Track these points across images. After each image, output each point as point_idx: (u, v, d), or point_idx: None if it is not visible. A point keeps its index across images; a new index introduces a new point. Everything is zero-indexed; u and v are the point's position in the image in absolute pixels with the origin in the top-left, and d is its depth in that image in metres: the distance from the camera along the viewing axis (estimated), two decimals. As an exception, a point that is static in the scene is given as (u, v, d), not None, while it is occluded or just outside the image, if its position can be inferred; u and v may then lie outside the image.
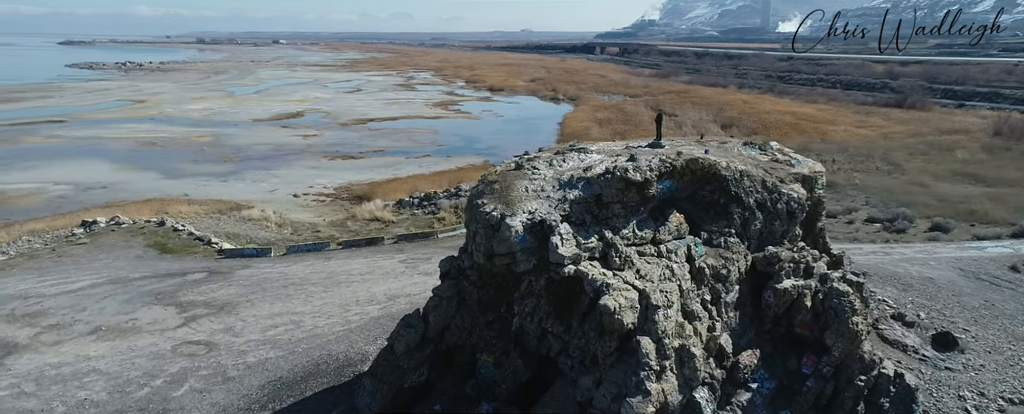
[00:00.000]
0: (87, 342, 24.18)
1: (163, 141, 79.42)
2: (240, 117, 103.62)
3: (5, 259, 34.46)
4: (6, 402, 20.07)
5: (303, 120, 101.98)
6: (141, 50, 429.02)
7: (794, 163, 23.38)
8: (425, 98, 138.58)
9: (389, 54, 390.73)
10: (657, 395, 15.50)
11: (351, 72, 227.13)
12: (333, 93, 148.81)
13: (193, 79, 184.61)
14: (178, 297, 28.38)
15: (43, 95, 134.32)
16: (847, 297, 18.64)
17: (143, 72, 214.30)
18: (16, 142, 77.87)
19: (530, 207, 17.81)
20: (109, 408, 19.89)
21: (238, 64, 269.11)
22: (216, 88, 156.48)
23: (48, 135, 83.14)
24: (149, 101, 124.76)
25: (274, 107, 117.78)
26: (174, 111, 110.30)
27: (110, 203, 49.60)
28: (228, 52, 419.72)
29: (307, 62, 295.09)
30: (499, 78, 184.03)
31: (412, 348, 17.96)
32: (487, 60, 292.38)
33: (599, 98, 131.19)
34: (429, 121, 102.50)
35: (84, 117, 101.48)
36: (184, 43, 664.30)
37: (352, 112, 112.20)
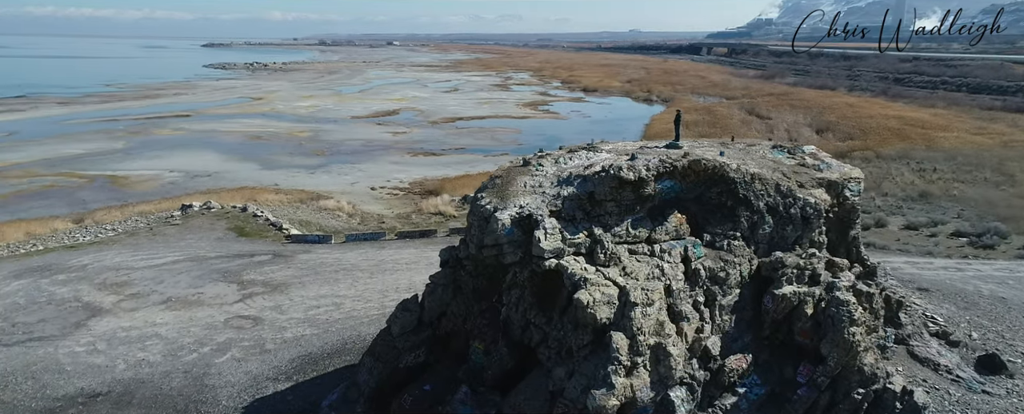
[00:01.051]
0: (157, 310, 27.41)
1: (268, 135, 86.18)
2: (341, 114, 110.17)
3: (112, 235, 39.30)
4: (81, 357, 23.31)
5: (397, 118, 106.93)
6: (270, 51, 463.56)
7: (822, 168, 22.54)
8: (517, 98, 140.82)
9: (494, 55, 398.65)
10: (622, 389, 15.78)
11: (452, 72, 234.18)
12: (431, 92, 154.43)
13: (308, 78, 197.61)
14: (241, 276, 31.36)
15: (178, 92, 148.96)
16: (846, 306, 17.93)
17: (267, 72, 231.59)
18: (147, 134, 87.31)
19: (522, 202, 18.53)
20: (160, 369, 22.62)
21: (351, 64, 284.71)
22: (326, 87, 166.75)
23: (174, 128, 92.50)
24: (265, 98, 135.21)
25: (373, 105, 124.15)
26: (284, 108, 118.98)
27: (210, 190, 54.85)
28: (345, 53, 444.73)
29: (414, 63, 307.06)
30: (595, 79, 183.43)
31: (408, 331, 19.19)
32: (588, 61, 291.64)
33: (693, 100, 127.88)
34: (515, 121, 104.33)
35: (207, 112, 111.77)
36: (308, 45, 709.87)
37: (444, 111, 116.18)
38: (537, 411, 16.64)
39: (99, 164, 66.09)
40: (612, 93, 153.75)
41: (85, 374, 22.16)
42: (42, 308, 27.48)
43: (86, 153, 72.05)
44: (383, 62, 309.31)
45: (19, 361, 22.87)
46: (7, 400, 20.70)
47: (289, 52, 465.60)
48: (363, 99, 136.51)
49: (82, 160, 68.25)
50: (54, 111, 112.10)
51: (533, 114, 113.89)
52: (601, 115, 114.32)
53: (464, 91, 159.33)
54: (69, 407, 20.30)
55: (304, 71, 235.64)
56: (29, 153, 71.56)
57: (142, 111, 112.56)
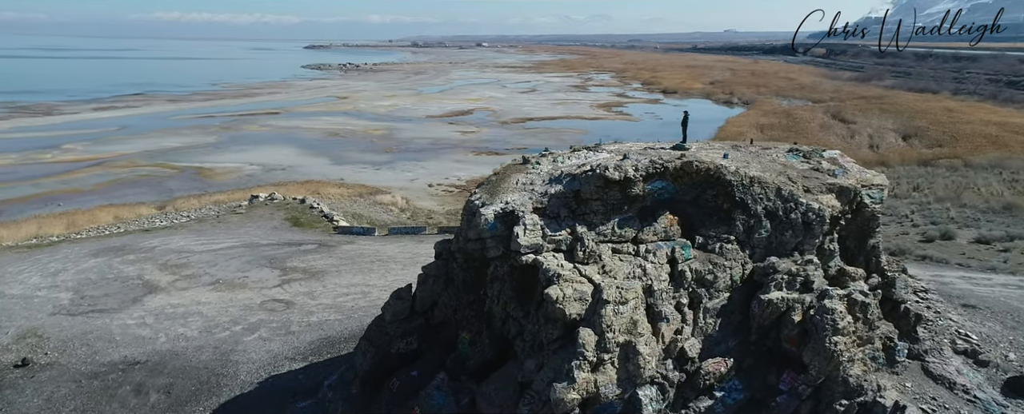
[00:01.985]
0: (204, 291, 29.95)
1: (345, 132, 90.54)
2: (417, 113, 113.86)
3: (184, 221, 42.96)
4: (130, 329, 25.96)
5: (470, 118, 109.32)
6: (365, 53, 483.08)
7: (837, 174, 21.78)
8: (593, 99, 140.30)
9: (579, 56, 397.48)
10: (584, 384, 16.09)
11: (534, 73, 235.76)
12: (508, 93, 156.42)
13: (394, 79, 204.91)
14: (285, 262, 33.61)
15: (272, 91, 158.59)
16: (831, 315, 17.38)
17: (358, 73, 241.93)
18: (237, 129, 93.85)
19: (509, 198, 19.13)
20: (194, 343, 24.85)
21: (437, 65, 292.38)
22: (409, 87, 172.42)
23: (262, 124, 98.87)
24: (350, 98, 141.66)
25: (449, 105, 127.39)
26: (366, 107, 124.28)
27: (281, 182, 58.54)
28: (434, 55, 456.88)
29: (498, 63, 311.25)
30: (677, 81, 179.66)
31: (400, 318, 20.20)
32: (674, 62, 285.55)
33: (775, 103, 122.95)
34: (585, 122, 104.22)
35: (294, 110, 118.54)
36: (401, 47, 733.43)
37: (517, 111, 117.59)
38: (506, 401, 17.21)
39: (190, 156, 71.84)
40: (692, 95, 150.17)
41: (130, 344, 24.70)
42: (109, 283, 30.66)
43: (181, 146, 78.43)
44: (468, 63, 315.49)
45: (79, 329, 25.77)
46: (63, 362, 23.45)
47: (382, 53, 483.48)
48: (441, 99, 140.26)
49: (177, 152, 74.39)
50: (164, 107, 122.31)
51: (605, 115, 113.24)
52: (674, 117, 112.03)
53: (541, 92, 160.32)
54: (111, 372, 22.76)
55: (392, 72, 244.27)
56: (135, 145, 78.73)
57: (237, 108, 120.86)
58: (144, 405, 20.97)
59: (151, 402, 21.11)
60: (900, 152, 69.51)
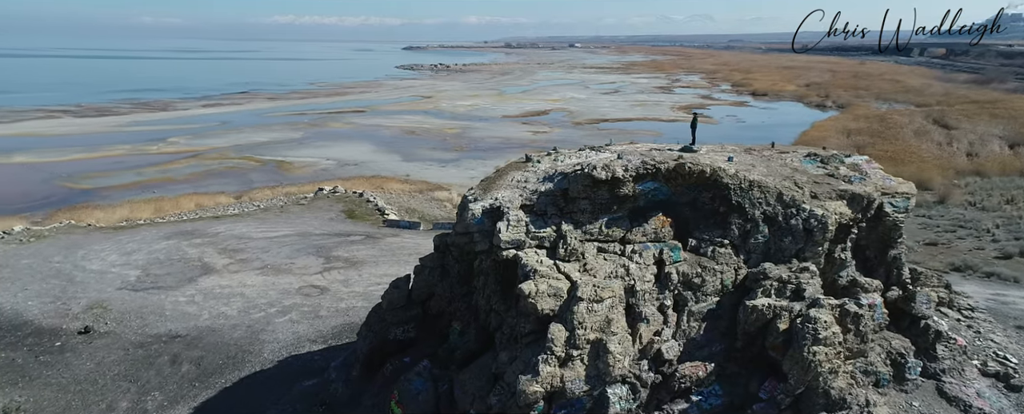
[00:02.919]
0: (252, 274, 32.35)
1: (421, 130, 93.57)
2: (494, 113, 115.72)
3: (252, 211, 46.27)
4: (180, 306, 28.54)
5: (545, 118, 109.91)
6: (459, 54, 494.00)
7: (853, 180, 20.88)
8: (675, 101, 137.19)
9: (672, 57, 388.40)
10: (549, 378, 16.42)
11: (621, 74, 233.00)
12: (590, 94, 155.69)
13: (479, 79, 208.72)
14: (330, 251, 35.64)
15: (363, 90, 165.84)
16: (813, 324, 16.78)
17: (447, 73, 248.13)
18: (323, 126, 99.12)
19: (499, 194, 19.69)
20: (231, 321, 27.02)
21: (524, 66, 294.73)
22: (493, 87, 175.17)
23: (346, 122, 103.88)
24: (434, 97, 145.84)
25: (527, 105, 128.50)
26: (447, 106, 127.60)
27: (351, 177, 61.57)
28: (525, 55, 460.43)
29: (586, 64, 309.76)
30: (768, 82, 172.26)
31: (397, 307, 21.19)
32: (771, 63, 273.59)
33: (873, 106, 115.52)
34: (661, 123, 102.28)
35: (379, 108, 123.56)
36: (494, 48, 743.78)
37: (593, 112, 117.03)
38: (479, 390, 17.78)
39: (274, 151, 76.75)
40: (783, 97, 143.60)
41: (177, 319, 27.20)
42: (173, 264, 33.73)
43: (269, 141, 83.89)
44: (556, 64, 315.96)
45: (137, 304, 28.63)
46: (117, 332, 26.19)
47: (475, 54, 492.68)
48: (521, 99, 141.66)
49: (264, 147, 79.66)
50: (262, 105, 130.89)
51: (684, 117, 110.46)
52: (758, 120, 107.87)
53: (624, 93, 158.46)
54: (155, 343, 25.22)
55: (480, 72, 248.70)
56: (228, 139, 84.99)
57: (327, 106, 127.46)
58: (176, 374, 23.14)
59: (182, 371, 23.26)
60: (1002, 161, 63.80)
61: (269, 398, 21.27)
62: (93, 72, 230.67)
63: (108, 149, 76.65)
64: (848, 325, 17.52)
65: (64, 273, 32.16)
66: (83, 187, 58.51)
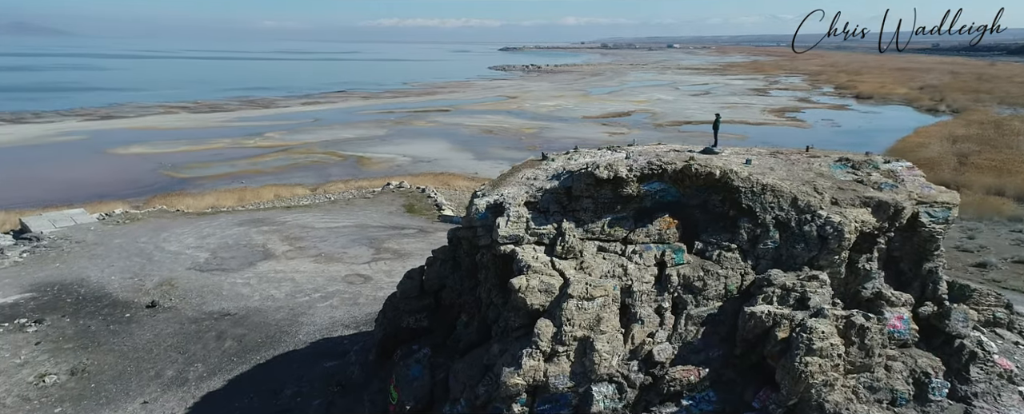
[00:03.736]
0: (306, 261, 34.44)
1: (498, 130, 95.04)
2: (575, 114, 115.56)
3: (321, 202, 49.01)
4: (236, 287, 30.90)
5: (626, 119, 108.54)
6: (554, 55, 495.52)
7: (884, 187, 19.74)
8: (768, 104, 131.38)
9: (775, 57, 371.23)
10: (531, 372, 16.69)
11: (715, 75, 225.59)
12: (678, 95, 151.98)
13: (568, 80, 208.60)
14: (382, 243, 37.27)
15: (452, 90, 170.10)
16: (808, 333, 16.06)
17: (537, 74, 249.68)
18: (407, 124, 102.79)
19: (506, 191, 20.09)
20: (277, 304, 28.99)
21: (617, 67, 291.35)
22: (580, 88, 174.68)
23: (430, 120, 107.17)
24: (519, 97, 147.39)
25: (611, 106, 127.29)
26: (530, 106, 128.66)
27: (421, 173, 63.68)
28: (620, 56, 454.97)
29: (681, 65, 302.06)
30: (876, 84, 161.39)
31: (410, 296, 22.03)
32: (884, 64, 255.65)
33: (992, 111, 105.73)
34: (748, 127, 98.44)
35: (463, 108, 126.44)
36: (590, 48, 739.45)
37: (678, 114, 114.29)
38: (470, 380, 18.24)
39: (357, 147, 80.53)
40: (891, 101, 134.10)
41: (230, 299, 29.50)
42: (239, 248, 36.48)
43: (354, 137, 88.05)
44: (650, 65, 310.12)
45: (200, 283, 31.28)
46: (178, 308, 28.76)
47: (569, 55, 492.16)
48: (606, 100, 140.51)
49: (348, 143, 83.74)
50: (355, 103, 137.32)
51: (773, 121, 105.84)
52: (855, 125, 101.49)
53: (714, 95, 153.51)
54: (206, 319, 27.52)
55: (570, 73, 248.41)
56: (318, 135, 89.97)
57: (415, 105, 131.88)
58: (219, 348, 25.19)
59: (225, 347, 25.28)
60: None
61: (293, 375, 22.77)
62: (214, 72, 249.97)
63: (211, 142, 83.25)
64: (852, 338, 16.63)
65: (146, 252, 35.57)
66: (182, 176, 64.02)
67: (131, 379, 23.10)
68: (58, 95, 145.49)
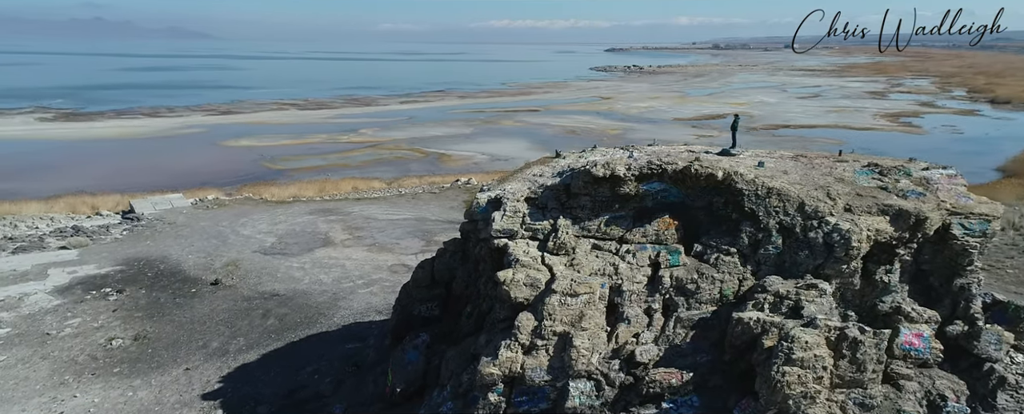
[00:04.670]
0: (360, 250, 36.32)
1: (582, 130, 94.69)
2: (667, 115, 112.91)
3: (390, 195, 51.23)
4: (290, 271, 33.15)
5: (719, 122, 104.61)
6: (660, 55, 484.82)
7: (909, 195, 18.41)
8: (883, 108, 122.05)
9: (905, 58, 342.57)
10: (507, 363, 17.00)
11: (831, 77, 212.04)
12: (783, 98, 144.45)
13: (669, 81, 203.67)
14: (433, 236, 38.53)
15: (547, 90, 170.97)
16: (789, 342, 15.28)
17: (638, 75, 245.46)
18: (494, 123, 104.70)
19: (509, 186, 20.47)
20: (322, 288, 30.84)
21: (724, 68, 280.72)
22: (678, 89, 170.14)
23: (517, 120, 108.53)
24: (613, 98, 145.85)
25: (706, 108, 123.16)
26: (622, 107, 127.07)
27: (495, 171, 64.79)
28: (730, 57, 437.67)
29: (794, 66, 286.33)
30: (1019, 88, 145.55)
31: (421, 286, 22.82)
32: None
33: None
34: (854, 132, 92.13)
35: (554, 108, 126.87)
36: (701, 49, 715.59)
37: (777, 117, 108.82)
38: (458, 367, 18.79)
39: (441, 144, 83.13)
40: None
41: (282, 281, 31.74)
42: (303, 235, 39.04)
43: (441, 135, 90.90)
44: (760, 66, 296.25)
45: (260, 265, 33.83)
46: (237, 287, 31.30)
47: (677, 56, 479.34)
48: (703, 102, 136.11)
49: (434, 140, 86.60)
50: (451, 102, 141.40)
51: (884, 126, 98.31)
52: (980, 131, 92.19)
53: (824, 97, 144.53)
54: (257, 298, 29.80)
55: (672, 74, 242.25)
56: (408, 132, 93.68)
57: (508, 104, 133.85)
58: (262, 325, 27.26)
59: (267, 324, 27.31)
60: None
61: (317, 354, 24.29)
62: (327, 72, 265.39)
63: (310, 137, 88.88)
64: (843, 351, 15.65)
65: (222, 235, 38.89)
66: (277, 167, 68.96)
67: (181, 347, 25.53)
68: (192, 92, 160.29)
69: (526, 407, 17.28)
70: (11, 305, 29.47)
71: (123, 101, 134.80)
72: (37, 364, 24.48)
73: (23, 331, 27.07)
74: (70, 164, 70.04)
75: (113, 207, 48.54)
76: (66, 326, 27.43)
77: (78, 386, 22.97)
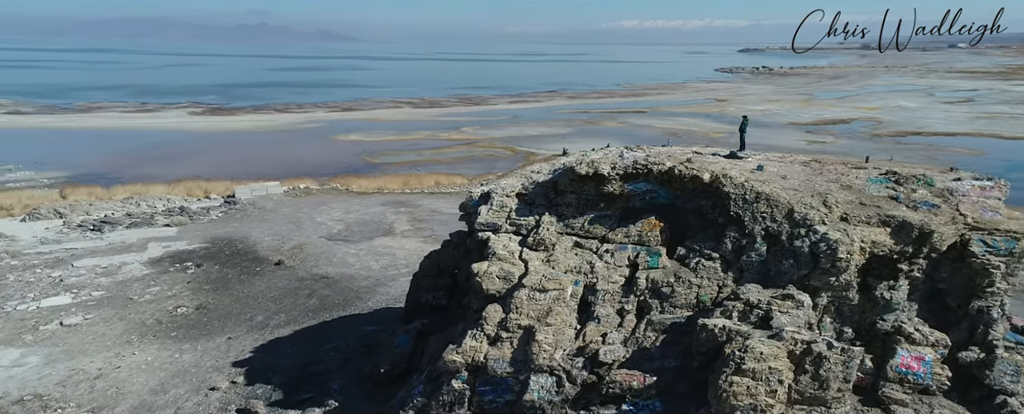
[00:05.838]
0: (415, 240, 37.90)
1: (684, 133, 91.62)
2: (782, 119, 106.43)
3: (468, 192, 52.64)
4: (347, 256, 35.29)
5: (839, 127, 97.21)
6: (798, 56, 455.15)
7: (920, 206, 16.77)
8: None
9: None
10: (470, 351, 17.41)
11: (992, 80, 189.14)
12: (926, 102, 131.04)
13: (798, 83, 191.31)
14: (488, 231, 39.28)
15: (661, 92, 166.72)
16: (743, 352, 14.44)
17: (765, 76, 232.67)
18: (595, 124, 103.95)
19: (505, 182, 20.76)
20: (368, 273, 32.61)
21: (867, 69, 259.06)
22: (805, 92, 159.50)
23: (619, 121, 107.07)
24: (728, 101, 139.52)
25: (830, 112, 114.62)
26: (734, 110, 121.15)
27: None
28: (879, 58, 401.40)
29: (953, 68, 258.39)
30: None
31: (429, 275, 23.59)
32: None
33: None
34: (994, 141, 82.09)
35: (661, 110, 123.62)
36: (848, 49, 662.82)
37: (911, 124, 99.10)
38: (436, 353, 19.32)
39: (533, 143, 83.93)
40: None
41: (336, 265, 33.91)
42: (370, 224, 41.34)
43: (536, 134, 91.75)
44: (911, 67, 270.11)
45: (321, 250, 36.32)
46: (295, 267, 33.87)
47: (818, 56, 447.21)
48: (829, 105, 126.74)
49: (528, 139, 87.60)
50: (559, 103, 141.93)
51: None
52: None
53: (976, 103, 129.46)
54: (309, 279, 32.09)
55: (805, 76, 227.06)
56: (506, 131, 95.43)
57: (615, 106, 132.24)
58: (304, 304, 29.39)
59: (309, 303, 29.41)
60: None
61: (340, 334, 25.89)
62: (449, 72, 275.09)
63: (413, 134, 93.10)
64: (806, 366, 14.58)
65: (299, 221, 42.11)
66: (375, 161, 73.03)
67: (231, 318, 28.17)
68: (323, 90, 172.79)
69: (491, 397, 17.57)
70: (111, 272, 33.83)
71: (262, 98, 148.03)
72: (115, 324, 28.02)
73: (113, 295, 31.02)
74: (201, 153, 78.36)
75: (222, 192, 53.87)
76: (147, 293, 31.10)
77: (139, 345, 26.07)
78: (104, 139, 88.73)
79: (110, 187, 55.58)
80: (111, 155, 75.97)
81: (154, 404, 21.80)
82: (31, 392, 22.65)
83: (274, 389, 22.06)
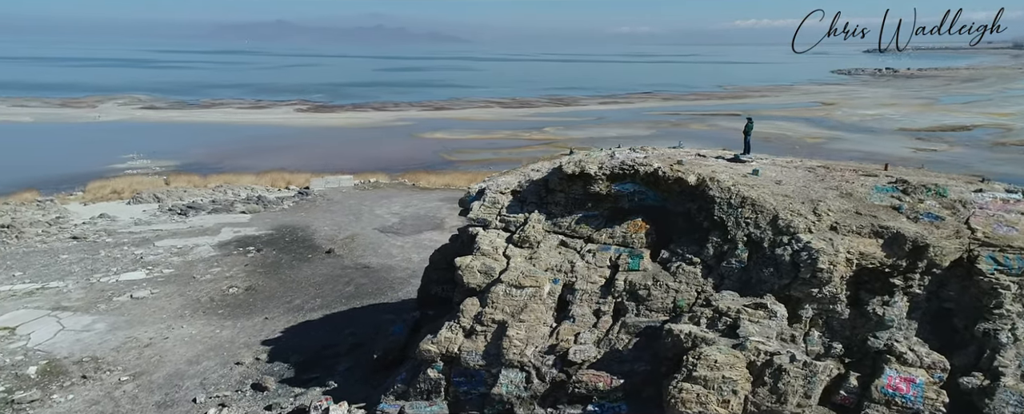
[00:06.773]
0: (460, 235, 38.62)
1: (777, 138, 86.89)
2: (891, 125, 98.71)
3: (528, 190, 52.98)
4: (392, 248, 36.59)
5: (957, 134, 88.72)
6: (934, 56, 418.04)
7: (923, 218, 15.43)
8: None
9: None
10: (444, 342, 17.78)
11: None
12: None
13: (922, 86, 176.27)
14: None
15: (763, 94, 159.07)
16: (698, 359, 13.86)
17: (886, 78, 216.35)
18: (682, 126, 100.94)
19: (503, 179, 20.93)
20: (409, 264, 33.65)
21: (1011, 71, 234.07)
22: (929, 96, 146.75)
23: (708, 124, 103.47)
24: (836, 104, 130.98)
25: (950, 118, 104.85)
26: (841, 114, 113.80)
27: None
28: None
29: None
30: None
31: (438, 268, 24.04)
32: None
33: None
34: None
35: (758, 113, 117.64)
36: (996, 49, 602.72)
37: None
38: (423, 343, 19.80)
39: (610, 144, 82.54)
40: None
41: (380, 256, 35.29)
42: (423, 218, 42.60)
43: (616, 136, 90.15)
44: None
45: (371, 241, 37.89)
46: (343, 256, 35.57)
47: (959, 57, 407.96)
48: (951, 111, 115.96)
49: (606, 141, 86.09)
50: (652, 104, 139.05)
51: None
52: None
53: None
54: (351, 268, 33.62)
55: (934, 78, 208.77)
56: (586, 132, 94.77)
57: (709, 108, 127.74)
58: (340, 291, 30.86)
59: (345, 291, 30.85)
60: None
61: (362, 321, 27.00)
62: (547, 72, 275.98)
63: (495, 133, 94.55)
64: (765, 378, 13.78)
65: (358, 212, 44.12)
66: (451, 159, 74.90)
67: (273, 301, 30.10)
68: (421, 89, 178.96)
69: (465, 388, 17.85)
70: (184, 252, 37.04)
71: (364, 97, 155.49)
72: (174, 299, 30.71)
73: (180, 273, 33.97)
74: (294, 147, 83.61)
75: (301, 183, 57.29)
76: (208, 273, 33.80)
77: (189, 320, 28.44)
78: (215, 132, 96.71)
79: (206, 176, 60.54)
80: (216, 147, 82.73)
81: (186, 373, 23.74)
82: (90, 355, 25.30)
83: (289, 367, 23.40)
